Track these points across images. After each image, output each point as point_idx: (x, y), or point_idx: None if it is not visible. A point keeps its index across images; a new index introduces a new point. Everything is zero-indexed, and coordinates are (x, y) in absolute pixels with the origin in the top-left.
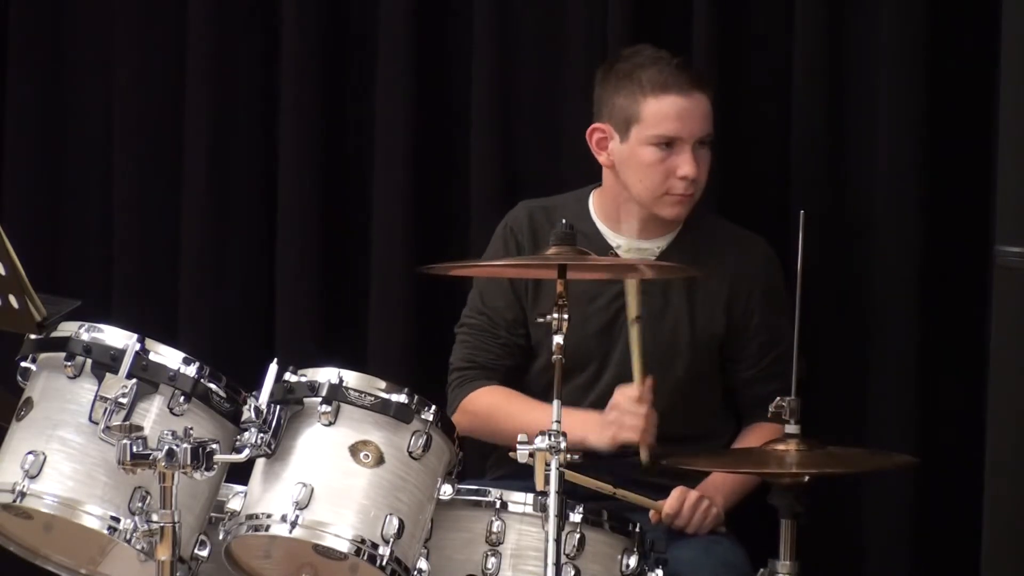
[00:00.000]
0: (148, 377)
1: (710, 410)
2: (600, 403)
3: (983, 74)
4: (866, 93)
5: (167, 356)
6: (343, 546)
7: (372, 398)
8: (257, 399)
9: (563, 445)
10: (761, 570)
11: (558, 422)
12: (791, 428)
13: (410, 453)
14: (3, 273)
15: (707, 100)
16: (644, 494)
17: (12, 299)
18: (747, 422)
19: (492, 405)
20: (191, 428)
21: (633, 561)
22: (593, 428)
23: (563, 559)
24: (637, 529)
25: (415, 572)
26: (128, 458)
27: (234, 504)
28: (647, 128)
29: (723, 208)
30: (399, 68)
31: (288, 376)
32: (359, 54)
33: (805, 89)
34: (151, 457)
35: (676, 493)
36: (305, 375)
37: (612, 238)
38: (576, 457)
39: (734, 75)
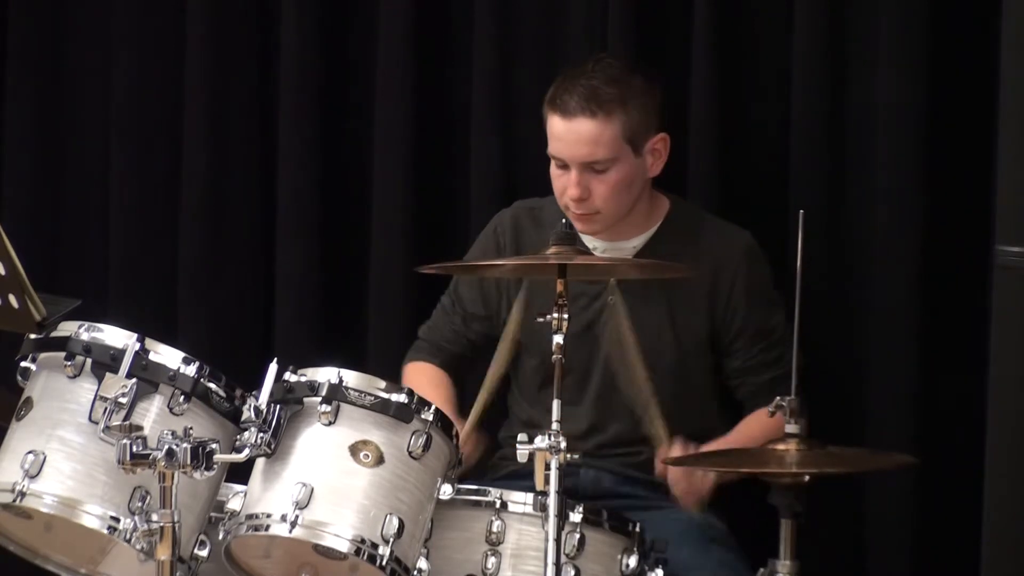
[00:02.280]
0: (148, 377)
1: (704, 410)
2: (594, 405)
3: (983, 74)
4: (866, 93)
5: (167, 356)
6: (343, 546)
7: (372, 398)
8: (257, 399)
9: (563, 445)
10: (761, 570)
11: (558, 422)
12: (791, 428)
13: (410, 453)
14: (3, 273)
15: (597, 126)
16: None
17: (12, 299)
18: (746, 411)
19: (412, 383)
20: (191, 428)
21: (633, 561)
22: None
23: (563, 559)
24: (637, 529)
25: (415, 572)
26: (128, 458)
27: (234, 504)
28: (549, 142)
29: (723, 208)
30: (399, 68)
31: (288, 376)
32: (359, 55)
33: (805, 89)
34: (151, 457)
35: (679, 446)
36: (305, 375)
37: (589, 240)
38: (576, 457)
39: (734, 75)
